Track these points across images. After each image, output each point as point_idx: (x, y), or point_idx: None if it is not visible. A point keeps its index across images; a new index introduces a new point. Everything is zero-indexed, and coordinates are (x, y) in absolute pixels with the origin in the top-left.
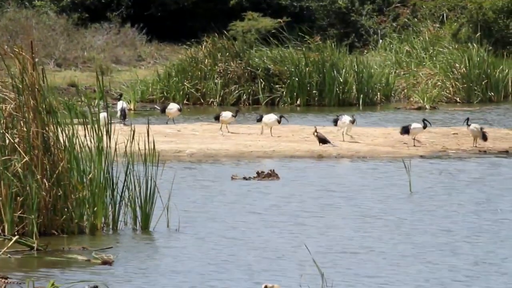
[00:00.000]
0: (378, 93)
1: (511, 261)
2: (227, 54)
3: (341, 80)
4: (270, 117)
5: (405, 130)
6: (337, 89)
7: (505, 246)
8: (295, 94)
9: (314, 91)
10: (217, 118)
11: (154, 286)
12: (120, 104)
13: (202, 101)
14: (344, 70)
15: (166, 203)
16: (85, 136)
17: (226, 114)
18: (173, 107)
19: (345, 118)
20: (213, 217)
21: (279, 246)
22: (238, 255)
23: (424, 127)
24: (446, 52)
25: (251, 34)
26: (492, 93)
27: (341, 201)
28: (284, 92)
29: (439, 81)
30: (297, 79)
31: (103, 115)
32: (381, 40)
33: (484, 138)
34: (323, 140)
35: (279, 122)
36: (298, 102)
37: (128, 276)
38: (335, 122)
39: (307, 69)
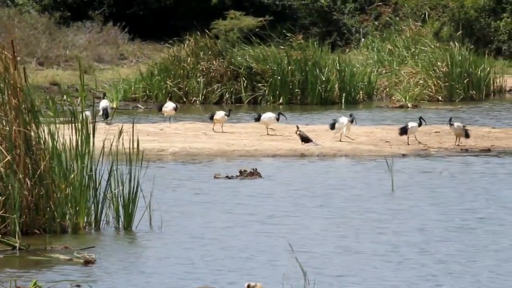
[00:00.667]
0: (361, 92)
1: (483, 261)
2: (210, 52)
3: (324, 79)
4: (268, 116)
5: (404, 131)
6: (320, 87)
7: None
8: (277, 92)
9: (296, 90)
10: (211, 118)
11: (136, 286)
12: (103, 103)
13: (184, 99)
14: (326, 68)
15: (149, 202)
16: (68, 135)
17: (219, 113)
18: (169, 105)
19: (343, 119)
20: (196, 216)
21: (261, 245)
22: (221, 254)
23: (419, 125)
24: (428, 50)
25: (233, 33)
26: (474, 92)
27: (322, 200)
28: (267, 91)
29: (421, 80)
30: (279, 77)
31: (85, 114)
32: (363, 39)
33: (467, 136)
34: (305, 139)
35: (277, 120)
36: (280, 100)
37: (110, 275)
38: (332, 126)
39: (289, 67)
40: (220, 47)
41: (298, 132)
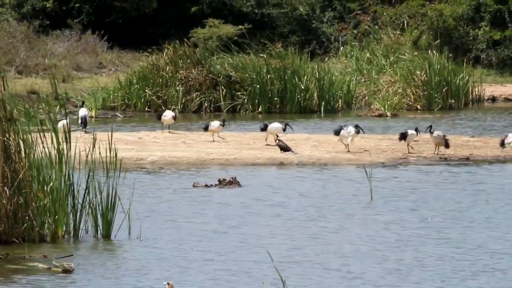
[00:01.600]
0: (340, 101)
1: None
2: (189, 61)
3: (303, 87)
4: (276, 126)
5: (403, 136)
6: (299, 96)
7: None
8: (256, 101)
9: (275, 98)
10: (206, 128)
11: None
12: (81, 112)
13: (163, 108)
14: (305, 77)
15: (127, 211)
16: (46, 143)
17: (214, 124)
18: (167, 114)
19: (350, 129)
20: (175, 225)
21: (239, 253)
22: (199, 262)
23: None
24: (407, 59)
25: (212, 41)
26: (453, 100)
27: (301, 208)
28: (246, 99)
29: (399, 89)
30: (258, 86)
31: (63, 122)
32: (342, 47)
33: (447, 145)
34: (284, 148)
35: (284, 130)
36: (259, 109)
37: (88, 284)
38: (337, 132)
39: (268, 76)
40: (199, 55)
41: (277, 141)
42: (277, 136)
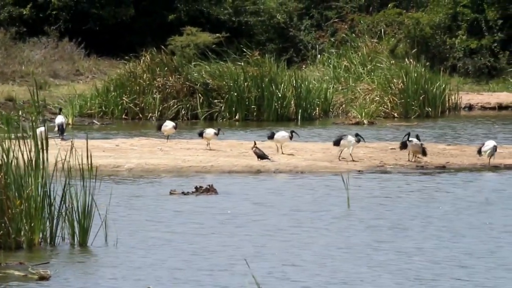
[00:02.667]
0: (317, 108)
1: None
2: (166, 69)
3: (280, 95)
4: (282, 134)
5: (404, 145)
6: (276, 104)
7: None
8: (233, 109)
9: (252, 106)
10: (200, 134)
11: None
12: (59, 119)
13: (140, 116)
14: (282, 85)
15: (104, 218)
16: (22, 150)
17: (209, 131)
18: (168, 124)
19: (350, 138)
20: (151, 232)
21: (216, 260)
22: (176, 269)
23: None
24: (384, 67)
25: (189, 49)
26: (430, 109)
27: (277, 216)
28: (223, 107)
29: (377, 96)
30: (235, 94)
31: (40, 130)
32: (319, 55)
33: (424, 153)
34: (261, 156)
35: (290, 138)
36: (236, 117)
37: None
38: (337, 143)
39: (245, 84)
40: (176, 63)
41: (254, 149)
42: (255, 143)
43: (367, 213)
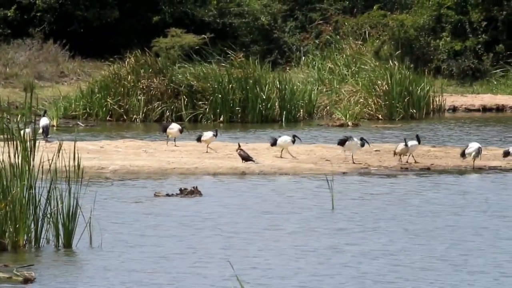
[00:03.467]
0: (301, 110)
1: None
2: (150, 70)
3: (264, 97)
4: (285, 139)
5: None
6: (260, 105)
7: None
8: (218, 110)
9: (237, 108)
10: (199, 139)
11: None
12: (43, 121)
13: (125, 117)
14: (267, 86)
15: (89, 220)
16: (8, 152)
17: (207, 134)
18: (174, 127)
19: (356, 140)
20: (136, 234)
21: (200, 262)
22: (161, 272)
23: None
24: (368, 69)
25: (174, 51)
26: (414, 110)
27: (262, 218)
28: (207, 109)
29: (361, 98)
30: (220, 95)
31: (26, 131)
32: (303, 57)
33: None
34: (245, 158)
35: (293, 142)
36: (221, 118)
37: None
38: (342, 142)
39: (230, 85)
40: (160, 64)
41: (238, 151)
42: (239, 145)
43: (350, 215)
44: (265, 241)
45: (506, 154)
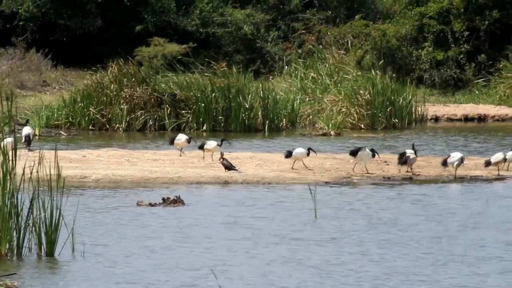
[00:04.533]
0: (284, 119)
1: None
2: (133, 79)
3: (247, 106)
4: (300, 151)
5: (404, 161)
6: (243, 115)
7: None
8: (201, 119)
9: (220, 117)
10: (201, 147)
11: None
12: (25, 130)
13: (108, 126)
14: (250, 96)
15: (71, 229)
16: None
17: (211, 143)
18: (181, 137)
19: (368, 151)
20: (119, 243)
21: (184, 271)
22: (143, 280)
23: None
24: (351, 79)
25: (157, 60)
26: (396, 120)
27: (245, 227)
28: (190, 118)
29: (343, 108)
30: (203, 104)
31: (8, 140)
32: (286, 67)
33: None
34: (228, 167)
35: (308, 154)
36: (204, 127)
37: None
38: (354, 153)
39: (213, 95)
40: (143, 74)
41: (221, 160)
42: (222, 154)
43: (334, 224)
44: (247, 251)
45: (488, 163)
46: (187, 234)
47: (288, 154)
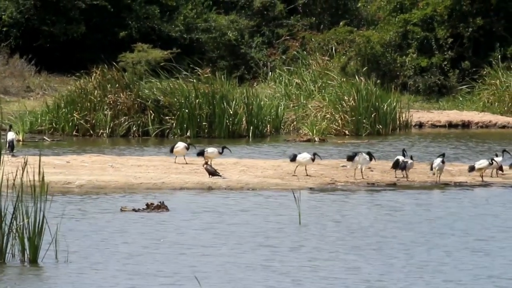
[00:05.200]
0: (268, 125)
1: None
2: (117, 85)
3: (231, 112)
4: (304, 156)
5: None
6: (227, 121)
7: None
8: (185, 125)
9: (204, 123)
10: (200, 154)
11: None
12: (9, 136)
13: (91, 132)
14: (234, 102)
15: (55, 235)
16: None
17: (212, 150)
18: (179, 145)
19: (365, 156)
20: (102, 249)
21: (168, 277)
22: (126, 285)
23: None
24: (335, 85)
25: (141, 66)
26: (380, 126)
27: (227, 233)
28: (174, 124)
29: (328, 114)
30: (187, 110)
31: None
32: (270, 73)
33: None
34: (212, 173)
35: (313, 160)
36: (188, 133)
37: None
38: (351, 158)
39: (197, 101)
40: (127, 79)
41: (205, 166)
42: (206, 161)
43: (318, 230)
44: (229, 257)
45: (472, 169)
46: (171, 240)
47: (294, 158)
